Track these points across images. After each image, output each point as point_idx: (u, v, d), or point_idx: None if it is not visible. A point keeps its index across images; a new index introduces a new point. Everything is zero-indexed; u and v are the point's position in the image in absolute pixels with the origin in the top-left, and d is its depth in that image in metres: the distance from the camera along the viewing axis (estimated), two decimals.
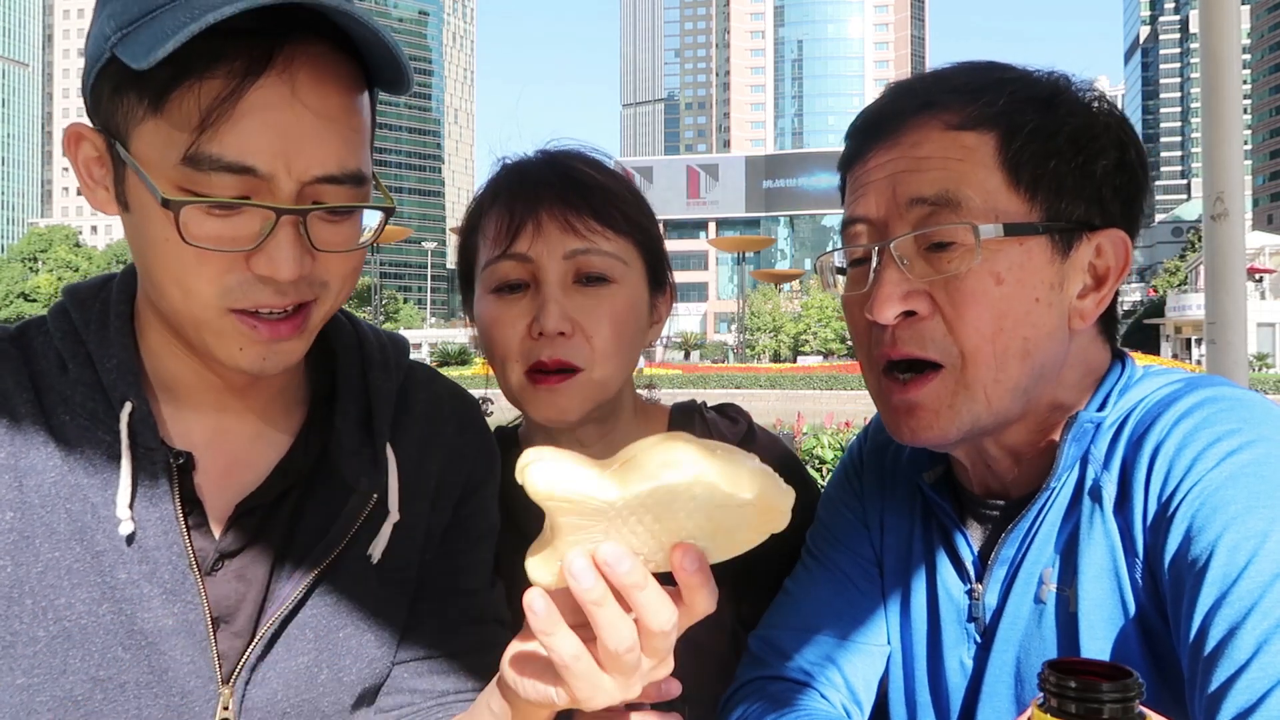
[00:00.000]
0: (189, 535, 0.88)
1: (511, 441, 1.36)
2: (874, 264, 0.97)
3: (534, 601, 0.66)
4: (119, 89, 0.80)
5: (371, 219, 0.89)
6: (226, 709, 0.90)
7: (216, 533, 0.91)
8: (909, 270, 0.95)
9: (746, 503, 0.64)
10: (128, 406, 0.87)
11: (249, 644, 0.91)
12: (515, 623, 0.77)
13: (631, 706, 0.82)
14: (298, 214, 0.81)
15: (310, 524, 0.94)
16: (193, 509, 0.89)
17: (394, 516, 0.96)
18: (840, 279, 1.06)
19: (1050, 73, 1.00)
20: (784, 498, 0.67)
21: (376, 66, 0.84)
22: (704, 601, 0.68)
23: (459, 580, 1.03)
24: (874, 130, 1.01)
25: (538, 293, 1.19)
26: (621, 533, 0.65)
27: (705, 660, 1.25)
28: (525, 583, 0.68)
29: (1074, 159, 0.95)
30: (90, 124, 0.85)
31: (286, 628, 0.92)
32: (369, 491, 0.95)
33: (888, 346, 0.98)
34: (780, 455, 1.39)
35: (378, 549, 0.95)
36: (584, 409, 1.21)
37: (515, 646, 0.76)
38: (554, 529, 0.65)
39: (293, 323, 0.86)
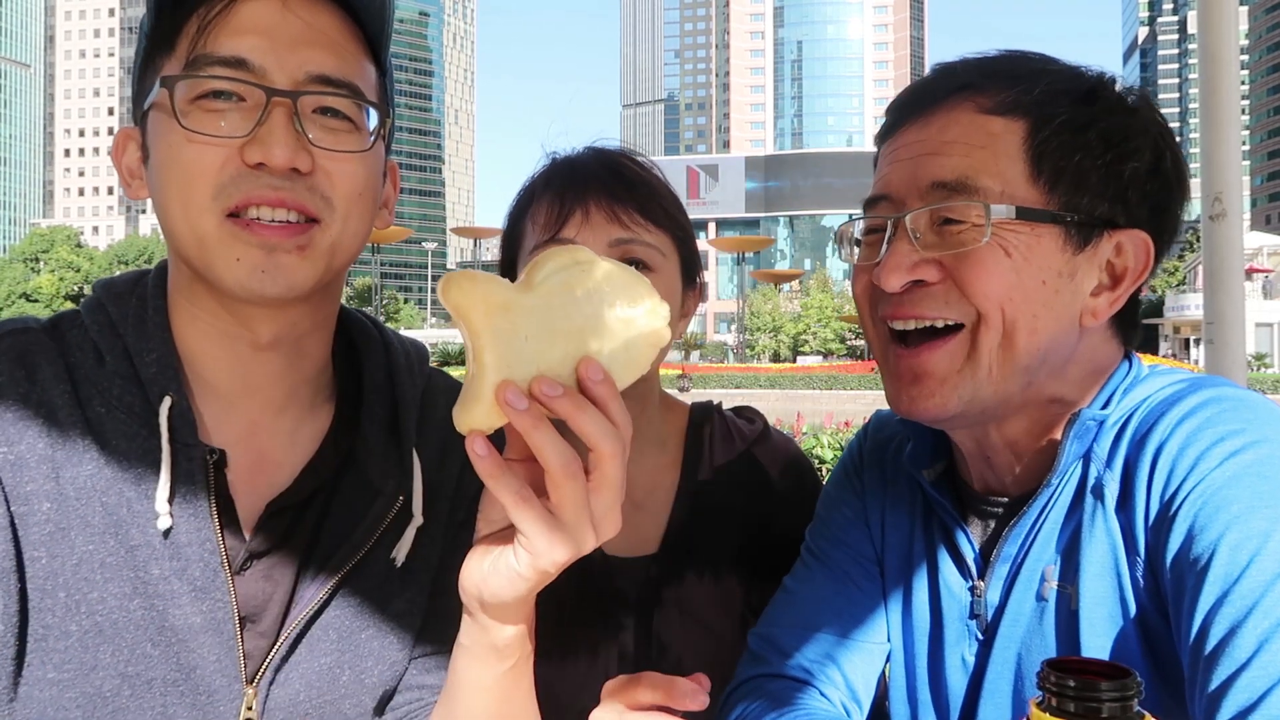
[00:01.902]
0: (221, 533, 0.88)
1: None
2: (888, 234, 0.98)
3: (475, 444, 0.67)
4: (150, 60, 0.88)
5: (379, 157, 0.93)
6: (250, 709, 0.90)
7: (246, 532, 0.92)
8: (920, 242, 0.97)
9: (644, 309, 0.69)
10: (167, 401, 0.88)
11: (274, 644, 0.91)
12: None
13: (663, 709, 0.82)
14: (288, 96, 0.83)
15: (336, 526, 0.95)
16: (224, 507, 0.90)
17: (418, 520, 0.97)
18: (857, 250, 1.07)
19: (1100, 72, 1.00)
20: (664, 309, 0.71)
21: (366, 12, 0.89)
22: (620, 413, 0.70)
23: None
24: (910, 106, 1.02)
25: None
26: (539, 351, 0.68)
27: (717, 643, 1.32)
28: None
29: (1102, 156, 0.95)
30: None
31: (310, 629, 0.93)
32: (395, 494, 0.96)
33: (893, 308, 0.99)
34: (792, 455, 1.47)
35: (401, 552, 0.96)
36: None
37: (469, 563, 0.78)
38: (477, 356, 0.68)
39: (291, 231, 0.86)
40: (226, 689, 0.88)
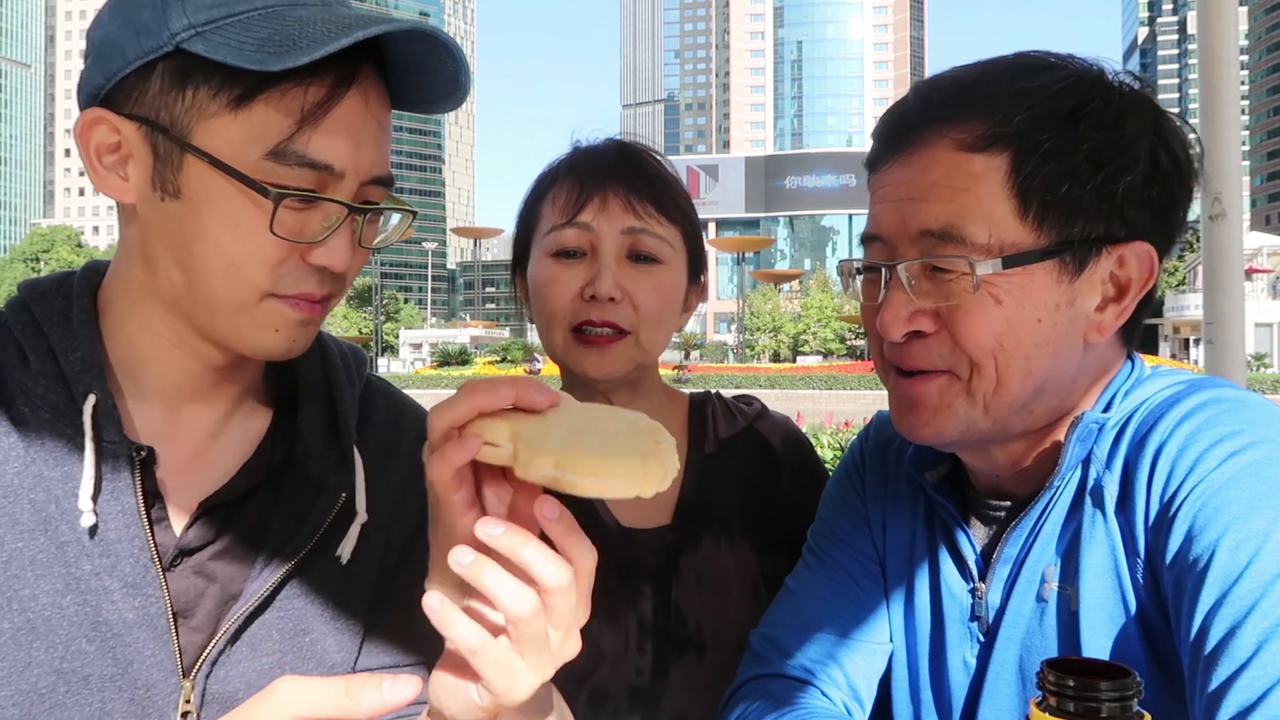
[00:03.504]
0: (151, 529, 0.89)
1: None
2: (885, 279, 0.99)
3: (429, 600, 0.69)
4: (183, 83, 0.84)
5: (390, 220, 0.98)
6: (188, 702, 0.90)
7: (177, 528, 0.92)
8: (915, 291, 0.96)
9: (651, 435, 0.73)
10: (91, 399, 0.88)
11: (210, 639, 0.92)
12: None
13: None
14: (362, 212, 0.89)
15: (279, 523, 0.95)
16: (154, 503, 0.91)
17: (362, 517, 0.99)
18: (859, 280, 1.08)
19: (1088, 68, 0.96)
20: (669, 443, 0.72)
21: (414, 89, 0.92)
22: (580, 548, 0.72)
23: (423, 588, 1.01)
24: (893, 138, 1.00)
25: (594, 261, 1.32)
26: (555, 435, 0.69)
27: (727, 606, 1.35)
28: None
29: (1092, 179, 0.92)
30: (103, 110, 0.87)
31: (251, 626, 0.93)
32: (338, 491, 0.97)
33: (895, 355, 1.01)
34: (793, 429, 1.54)
35: (346, 549, 0.98)
36: (626, 369, 1.34)
37: (435, 672, 0.77)
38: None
39: (322, 305, 0.92)
40: (163, 683, 0.89)
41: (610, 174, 1.34)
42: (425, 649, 0.99)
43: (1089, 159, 0.92)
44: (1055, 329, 0.94)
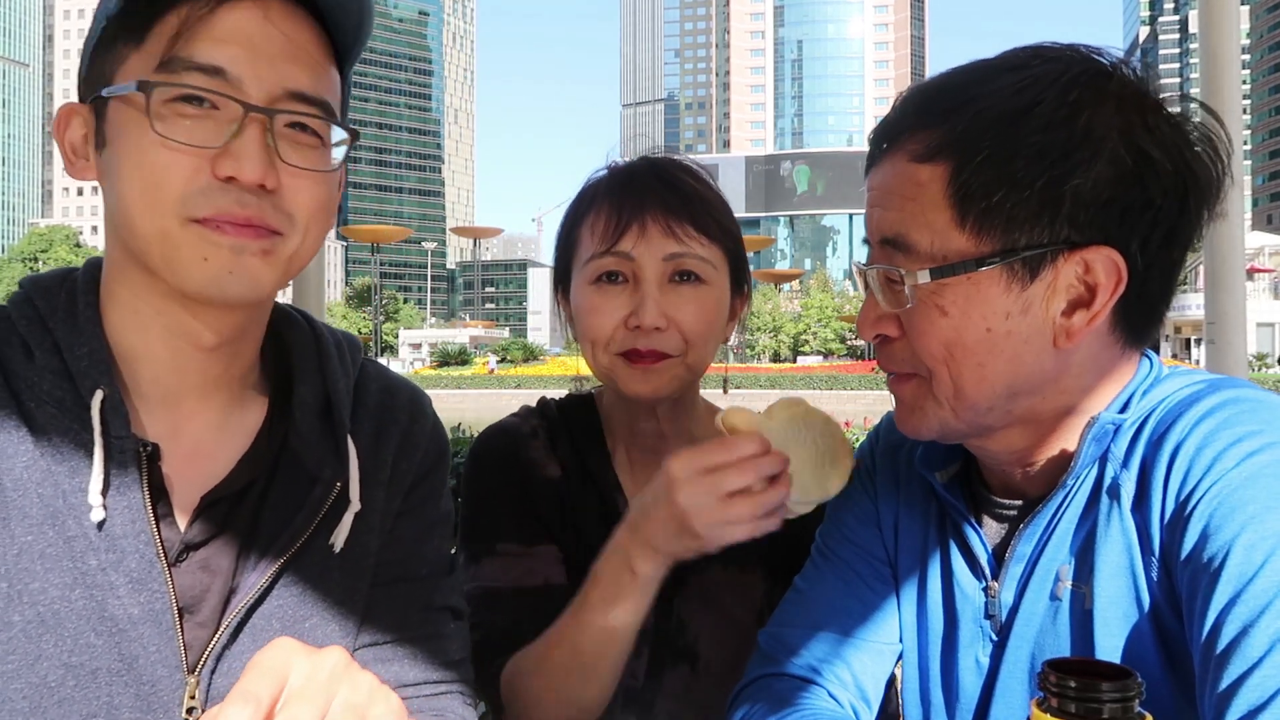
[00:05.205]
0: (157, 525, 0.89)
1: (589, 404, 1.50)
2: (864, 283, 1.03)
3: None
4: (110, 45, 0.87)
5: (338, 155, 0.95)
6: (193, 698, 0.91)
7: (182, 523, 0.93)
8: (880, 297, 0.99)
9: (839, 458, 1.14)
10: (99, 394, 0.88)
11: (214, 634, 0.92)
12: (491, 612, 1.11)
13: None
14: (265, 114, 0.85)
15: (275, 515, 0.96)
16: (159, 499, 0.91)
17: (355, 506, 0.99)
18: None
19: (1054, 66, 0.92)
20: (849, 464, 1.14)
21: (341, 30, 0.92)
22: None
23: (409, 567, 1.06)
24: (875, 144, 1.03)
25: (636, 288, 1.32)
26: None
27: (728, 627, 1.37)
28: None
29: (1033, 183, 0.89)
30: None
31: (252, 618, 0.94)
32: (332, 481, 0.98)
33: (878, 358, 1.05)
34: None
35: (340, 538, 0.98)
36: (673, 387, 1.35)
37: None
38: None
39: (256, 234, 0.88)
40: (168, 678, 0.89)
41: (647, 198, 1.32)
42: (407, 627, 1.03)
43: (1031, 163, 0.90)
44: (1010, 337, 0.93)
